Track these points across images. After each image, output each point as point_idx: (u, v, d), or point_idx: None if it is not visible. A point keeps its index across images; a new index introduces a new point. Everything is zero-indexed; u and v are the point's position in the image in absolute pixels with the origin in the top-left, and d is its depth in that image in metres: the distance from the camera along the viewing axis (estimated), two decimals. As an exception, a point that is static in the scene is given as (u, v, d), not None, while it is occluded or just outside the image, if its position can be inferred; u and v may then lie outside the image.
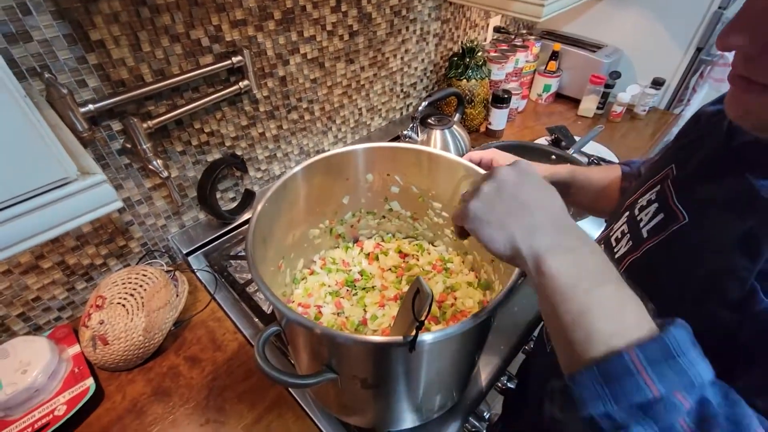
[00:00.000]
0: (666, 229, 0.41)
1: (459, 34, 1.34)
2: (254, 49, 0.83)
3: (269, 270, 0.62)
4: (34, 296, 0.74)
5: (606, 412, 0.23)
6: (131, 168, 0.76)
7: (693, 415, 0.22)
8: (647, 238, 0.43)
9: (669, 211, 0.42)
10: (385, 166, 0.70)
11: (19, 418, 0.63)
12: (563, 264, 0.31)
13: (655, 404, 0.22)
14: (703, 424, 0.22)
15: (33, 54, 0.59)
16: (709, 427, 0.22)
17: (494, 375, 0.72)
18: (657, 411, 0.22)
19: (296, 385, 0.49)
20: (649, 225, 0.44)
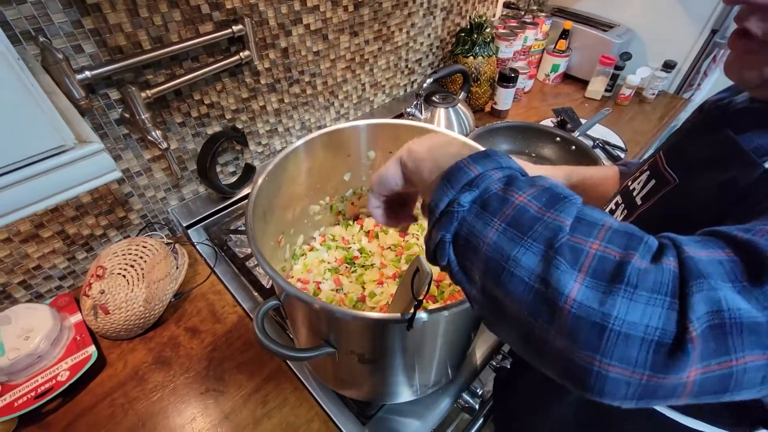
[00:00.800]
0: (658, 192, 0.42)
1: (467, 9, 1.30)
2: (256, 18, 0.80)
3: (269, 245, 0.62)
4: (34, 264, 0.74)
5: (449, 199, 0.31)
6: (130, 138, 0.75)
7: (502, 180, 0.30)
8: (640, 205, 0.44)
9: (660, 177, 0.43)
10: (388, 144, 0.69)
11: (22, 382, 0.64)
12: None
13: (476, 179, 0.30)
14: (509, 184, 0.30)
15: (27, 16, 0.57)
16: (514, 185, 0.30)
17: (489, 353, 0.74)
18: (477, 182, 0.30)
19: (294, 358, 0.50)
20: (642, 192, 0.45)
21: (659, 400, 0.25)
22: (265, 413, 0.65)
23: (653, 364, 0.23)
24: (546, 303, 0.25)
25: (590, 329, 0.24)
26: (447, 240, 0.31)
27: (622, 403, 0.25)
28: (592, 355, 0.24)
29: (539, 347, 0.27)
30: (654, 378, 0.24)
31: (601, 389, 0.25)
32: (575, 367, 0.25)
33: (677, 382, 0.24)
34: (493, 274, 0.28)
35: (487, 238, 0.28)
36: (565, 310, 0.25)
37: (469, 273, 0.30)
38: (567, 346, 0.25)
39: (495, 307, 0.29)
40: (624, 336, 0.23)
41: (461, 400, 0.70)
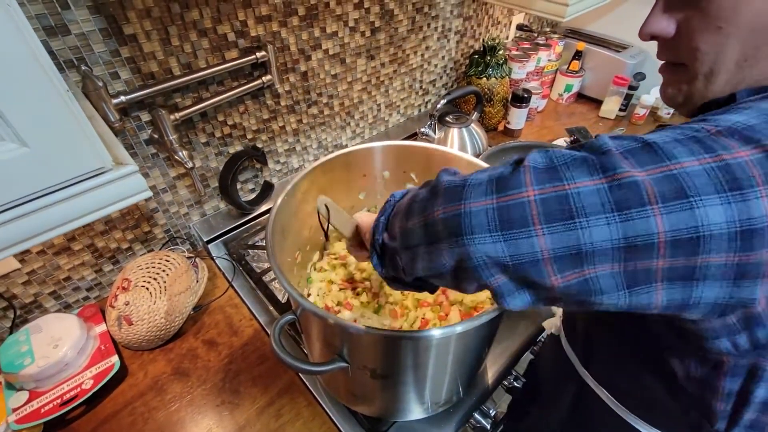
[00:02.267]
0: None
1: (481, 32, 1.34)
2: (278, 45, 0.85)
3: (286, 261, 0.65)
4: (65, 276, 0.78)
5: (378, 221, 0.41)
6: (157, 157, 0.80)
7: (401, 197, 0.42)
8: None
9: None
10: (402, 164, 0.72)
11: (49, 389, 0.67)
12: None
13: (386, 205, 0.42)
14: None
15: (71, 47, 0.62)
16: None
17: (501, 373, 0.74)
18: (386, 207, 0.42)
19: (308, 371, 0.51)
20: None
21: (516, 230, 0.29)
22: (278, 427, 0.67)
23: (497, 188, 0.30)
24: (432, 194, 0.35)
25: (455, 188, 0.32)
26: (382, 221, 0.41)
27: (494, 246, 0.29)
28: (458, 202, 0.31)
29: (433, 233, 0.33)
30: (501, 199, 0.29)
31: (469, 225, 0.30)
32: (450, 219, 0.31)
33: (522, 200, 0.29)
34: (407, 211, 0.37)
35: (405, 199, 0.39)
36: (442, 187, 0.34)
37: (393, 232, 0.39)
38: (443, 206, 0.32)
39: (408, 240, 0.36)
40: (476, 182, 0.31)
41: (473, 420, 0.70)
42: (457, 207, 0.31)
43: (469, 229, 0.30)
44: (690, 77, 0.37)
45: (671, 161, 0.27)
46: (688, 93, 0.38)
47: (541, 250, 0.28)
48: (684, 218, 0.26)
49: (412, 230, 0.35)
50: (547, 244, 0.28)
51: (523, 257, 0.29)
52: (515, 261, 0.29)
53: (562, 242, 0.28)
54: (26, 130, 0.36)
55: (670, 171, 0.26)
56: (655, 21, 0.37)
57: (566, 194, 0.28)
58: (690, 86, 0.37)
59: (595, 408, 0.51)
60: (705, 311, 0.29)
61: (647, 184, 0.26)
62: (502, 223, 0.29)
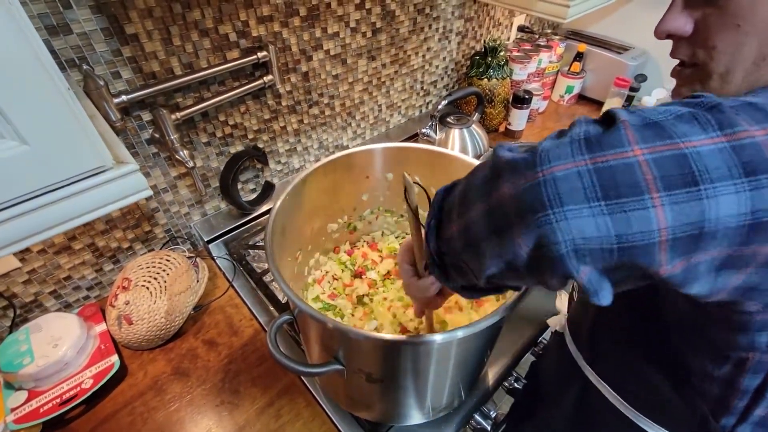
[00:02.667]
0: None
1: (482, 33, 1.34)
2: (279, 45, 0.85)
3: (286, 260, 0.65)
4: (65, 275, 0.78)
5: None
6: (158, 157, 0.80)
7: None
8: None
9: None
10: (405, 166, 0.71)
11: (49, 388, 0.67)
12: None
13: None
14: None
15: (72, 46, 0.62)
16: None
17: (502, 374, 0.73)
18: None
19: (303, 372, 0.51)
20: None
21: (627, 198, 0.22)
22: (278, 427, 0.66)
23: (588, 148, 0.24)
24: (492, 175, 0.28)
25: (524, 160, 0.26)
26: (432, 223, 0.35)
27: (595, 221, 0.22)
28: (532, 171, 0.25)
29: (502, 217, 0.26)
30: (598, 159, 0.23)
31: (555, 195, 0.23)
32: (523, 194, 0.25)
33: (629, 159, 0.22)
34: (462, 203, 0.31)
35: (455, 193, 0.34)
36: (503, 163, 0.27)
37: (450, 232, 0.33)
38: (510, 182, 0.26)
39: (469, 236, 0.30)
40: (554, 147, 0.25)
41: (473, 422, 0.70)
42: (532, 176, 0.24)
43: (556, 200, 0.23)
44: (705, 77, 0.36)
45: None
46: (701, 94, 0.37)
47: (659, 228, 0.22)
48: None
49: (473, 222, 0.29)
50: (667, 219, 0.22)
51: (635, 237, 0.22)
52: (623, 242, 0.22)
53: (685, 217, 0.22)
54: (26, 128, 0.36)
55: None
56: (672, 19, 0.37)
57: (684, 153, 0.22)
58: (704, 86, 0.37)
59: (598, 407, 0.51)
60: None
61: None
62: (604, 190, 0.22)
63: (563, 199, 0.23)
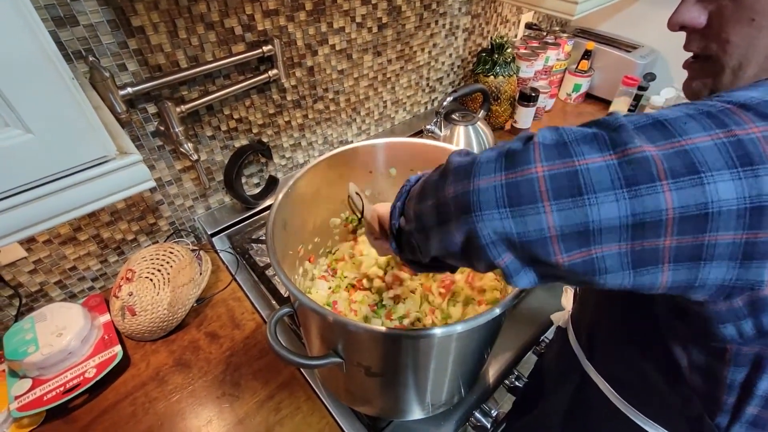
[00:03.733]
0: None
1: (489, 30, 1.33)
2: (284, 39, 0.85)
3: (288, 254, 0.65)
4: (70, 266, 0.79)
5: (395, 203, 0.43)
6: (163, 150, 0.80)
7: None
8: None
9: None
10: (409, 162, 0.71)
11: (52, 377, 0.68)
12: None
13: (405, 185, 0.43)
14: None
15: (79, 38, 0.62)
16: None
17: (503, 372, 0.73)
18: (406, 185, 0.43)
19: (301, 364, 0.51)
20: None
21: (524, 206, 0.28)
22: (277, 420, 0.67)
23: (505, 165, 0.30)
24: (442, 176, 0.35)
25: (465, 167, 0.32)
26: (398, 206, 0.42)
27: (502, 223, 0.29)
28: (467, 180, 0.31)
29: (445, 213, 0.33)
30: (509, 175, 0.29)
31: (477, 202, 0.30)
32: (459, 197, 0.31)
33: (531, 176, 0.28)
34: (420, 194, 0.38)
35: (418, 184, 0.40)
36: (451, 168, 0.34)
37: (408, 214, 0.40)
38: (453, 185, 0.32)
39: (422, 222, 0.37)
40: (485, 160, 0.31)
41: (473, 419, 0.70)
42: (466, 185, 0.31)
43: (478, 206, 0.30)
44: (717, 70, 0.36)
45: (683, 137, 0.26)
46: (713, 87, 0.37)
47: (548, 227, 0.28)
48: (694, 194, 0.25)
49: (425, 212, 0.36)
50: (554, 221, 0.28)
51: (531, 234, 0.28)
52: (522, 238, 0.29)
53: (570, 219, 0.27)
54: (31, 117, 0.36)
55: (681, 146, 0.26)
56: (686, 10, 0.36)
57: (576, 170, 0.27)
58: (716, 80, 0.37)
59: (595, 403, 0.51)
60: (710, 292, 0.28)
61: (657, 159, 0.26)
62: (510, 199, 0.29)
63: (482, 206, 0.30)
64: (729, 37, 0.34)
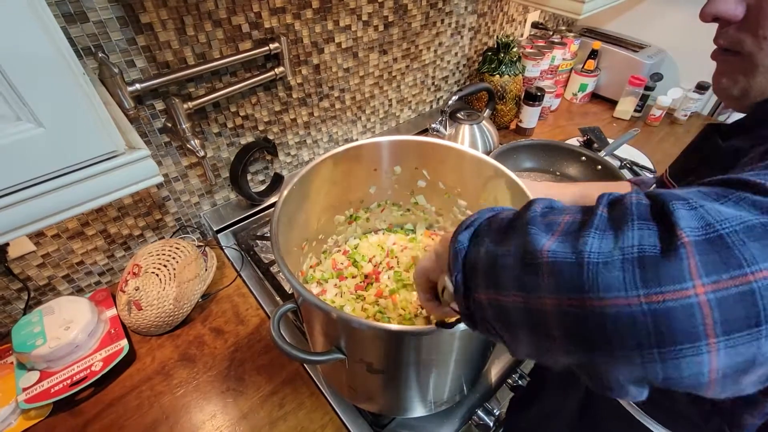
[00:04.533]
0: None
1: (495, 29, 1.32)
2: (291, 37, 0.85)
3: (292, 250, 0.65)
4: (78, 260, 0.80)
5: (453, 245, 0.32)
6: (170, 146, 0.81)
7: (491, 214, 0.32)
8: None
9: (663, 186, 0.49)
10: (414, 160, 0.71)
11: (60, 370, 0.69)
12: None
13: (471, 222, 0.32)
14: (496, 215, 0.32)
15: (88, 34, 0.63)
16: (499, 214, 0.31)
17: (506, 371, 0.73)
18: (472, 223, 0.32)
19: (304, 360, 0.51)
20: None
21: (679, 346, 0.20)
22: (281, 416, 0.67)
23: (643, 279, 0.20)
24: (528, 266, 0.25)
25: (569, 270, 0.22)
26: (459, 280, 0.30)
27: (644, 367, 0.21)
28: (578, 295, 0.22)
29: (542, 324, 0.24)
30: (653, 297, 0.20)
31: (603, 331, 0.21)
32: (571, 319, 0.23)
33: (689, 301, 0.19)
34: (491, 279, 0.27)
35: (480, 254, 0.29)
36: (542, 261, 0.24)
37: (478, 299, 0.29)
38: (556, 298, 0.23)
39: (504, 316, 0.27)
40: (603, 264, 0.21)
41: (476, 417, 0.70)
42: (580, 300, 0.22)
43: (602, 340, 0.21)
44: (750, 69, 0.34)
45: None
46: (745, 87, 0.35)
47: (710, 370, 0.20)
48: None
49: (509, 309, 0.27)
50: (719, 362, 0.20)
51: (684, 381, 0.21)
52: (670, 384, 0.21)
53: (738, 357, 0.19)
54: (42, 111, 0.37)
55: None
56: (723, 1, 0.34)
57: (751, 290, 0.19)
58: (749, 79, 0.34)
59: (607, 408, 0.50)
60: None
61: None
62: (657, 336, 0.20)
63: (614, 342, 0.21)
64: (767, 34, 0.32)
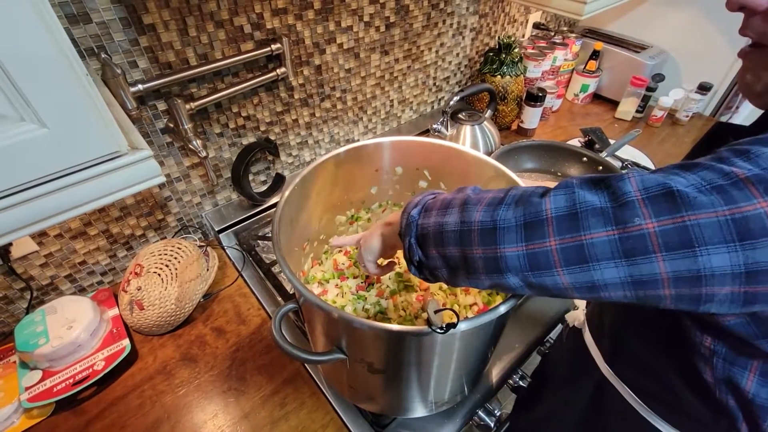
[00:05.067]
0: None
1: (497, 29, 1.33)
2: (293, 38, 0.85)
3: (293, 250, 0.65)
4: (80, 260, 0.80)
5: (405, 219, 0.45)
6: (172, 146, 0.81)
7: (433, 196, 0.45)
8: None
9: None
10: (415, 161, 0.71)
11: (62, 369, 0.69)
12: None
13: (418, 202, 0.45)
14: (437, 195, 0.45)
15: (91, 35, 0.63)
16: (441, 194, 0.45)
17: (507, 372, 0.73)
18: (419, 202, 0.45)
19: (305, 360, 0.52)
20: None
21: (542, 270, 0.34)
22: (282, 415, 0.67)
23: (525, 236, 0.34)
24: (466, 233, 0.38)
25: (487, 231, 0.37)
26: (413, 242, 0.42)
27: (517, 279, 0.36)
28: (492, 246, 0.36)
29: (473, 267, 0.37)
30: (529, 246, 0.34)
31: (506, 267, 0.35)
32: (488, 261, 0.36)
33: (546, 248, 0.33)
34: (439, 240, 0.40)
35: (429, 224, 0.41)
36: (474, 228, 0.37)
37: (429, 253, 0.41)
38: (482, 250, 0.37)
39: (448, 263, 0.40)
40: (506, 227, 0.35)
41: (477, 418, 0.70)
42: (492, 250, 0.35)
43: (506, 269, 0.35)
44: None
45: (687, 212, 0.28)
46: None
47: (562, 282, 0.33)
48: (686, 263, 0.28)
49: (452, 257, 0.39)
50: (566, 280, 0.33)
51: (546, 282, 0.34)
52: (536, 282, 0.35)
53: (579, 279, 0.33)
54: (45, 111, 0.37)
55: (683, 222, 0.28)
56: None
57: (582, 244, 0.31)
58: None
59: (615, 407, 0.50)
60: (720, 309, 0.30)
61: (653, 236, 0.29)
62: (531, 266, 0.34)
63: (510, 269, 0.36)
64: None
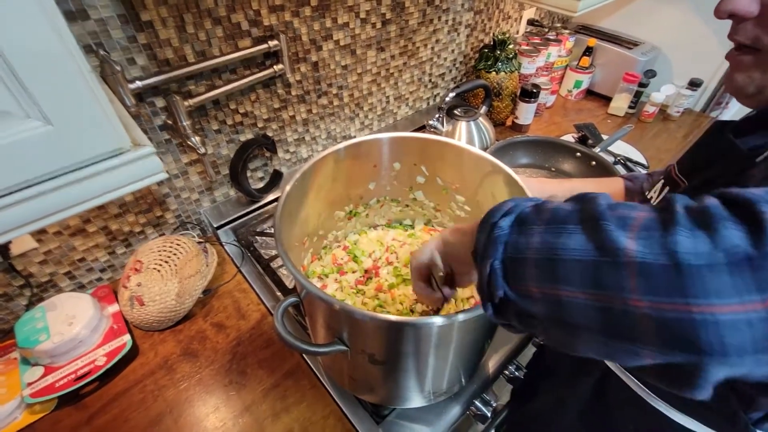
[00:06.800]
0: None
1: (491, 26, 1.34)
2: (290, 34, 0.86)
3: (294, 246, 0.66)
4: (79, 257, 0.80)
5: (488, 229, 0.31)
6: (171, 143, 0.81)
7: (533, 203, 0.31)
8: None
9: (672, 183, 0.48)
10: (413, 157, 0.72)
11: (64, 365, 0.70)
12: None
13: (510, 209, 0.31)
14: (540, 204, 0.30)
15: (89, 32, 0.63)
16: (545, 203, 0.30)
17: (503, 363, 0.75)
18: (512, 209, 0.31)
19: (308, 351, 0.53)
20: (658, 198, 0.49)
21: None
22: (283, 408, 0.68)
23: (757, 283, 0.19)
24: (608, 267, 0.22)
25: (663, 272, 0.21)
26: (497, 267, 0.28)
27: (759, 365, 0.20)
28: (681, 300, 0.20)
29: (626, 327, 0.22)
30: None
31: (719, 343, 0.19)
32: (673, 325, 0.20)
33: None
34: (547, 273, 0.25)
35: (531, 244, 0.27)
36: (629, 262, 0.22)
37: (526, 291, 0.27)
38: (650, 302, 0.21)
39: (563, 313, 0.25)
40: (706, 267, 0.20)
41: (473, 407, 0.71)
42: (684, 307, 0.20)
43: (718, 348, 0.20)
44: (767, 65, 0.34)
45: None
46: (761, 84, 0.35)
47: None
48: None
49: (573, 304, 0.24)
50: None
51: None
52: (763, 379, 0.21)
53: None
54: (51, 108, 0.37)
55: None
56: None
57: None
58: (765, 75, 0.34)
59: (617, 392, 0.50)
60: None
61: None
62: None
63: (727, 350, 0.19)
64: None
